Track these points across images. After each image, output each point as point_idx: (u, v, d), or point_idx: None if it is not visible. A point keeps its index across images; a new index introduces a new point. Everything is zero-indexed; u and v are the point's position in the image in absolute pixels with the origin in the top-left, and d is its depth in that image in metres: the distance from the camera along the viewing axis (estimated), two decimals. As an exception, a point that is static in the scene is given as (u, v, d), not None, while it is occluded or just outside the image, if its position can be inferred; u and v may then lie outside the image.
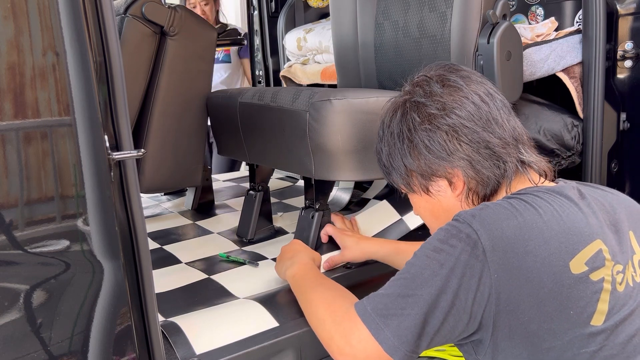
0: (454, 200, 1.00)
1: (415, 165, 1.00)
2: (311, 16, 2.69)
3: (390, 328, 0.85)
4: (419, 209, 1.08)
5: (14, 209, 0.81)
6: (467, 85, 0.98)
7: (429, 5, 1.55)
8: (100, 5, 0.83)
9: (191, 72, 1.77)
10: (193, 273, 1.47)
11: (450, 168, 0.97)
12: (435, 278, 0.84)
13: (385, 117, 1.05)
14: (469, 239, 0.84)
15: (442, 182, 1.00)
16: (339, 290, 1.08)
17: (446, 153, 0.96)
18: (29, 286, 0.84)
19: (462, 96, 0.97)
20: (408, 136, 0.99)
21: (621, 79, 1.66)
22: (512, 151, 0.96)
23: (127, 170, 0.90)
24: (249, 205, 1.75)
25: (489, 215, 0.87)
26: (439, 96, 0.97)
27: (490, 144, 0.95)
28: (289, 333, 1.14)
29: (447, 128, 0.96)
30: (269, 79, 2.81)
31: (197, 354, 1.06)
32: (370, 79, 1.81)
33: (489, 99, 0.97)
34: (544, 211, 0.87)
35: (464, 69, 1.02)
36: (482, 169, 0.96)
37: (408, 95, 1.02)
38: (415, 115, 0.98)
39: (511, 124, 0.98)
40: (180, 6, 1.76)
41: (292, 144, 1.44)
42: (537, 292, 0.83)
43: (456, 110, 0.96)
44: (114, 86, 0.86)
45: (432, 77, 1.01)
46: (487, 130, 0.95)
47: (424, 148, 0.98)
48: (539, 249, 0.83)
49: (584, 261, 0.85)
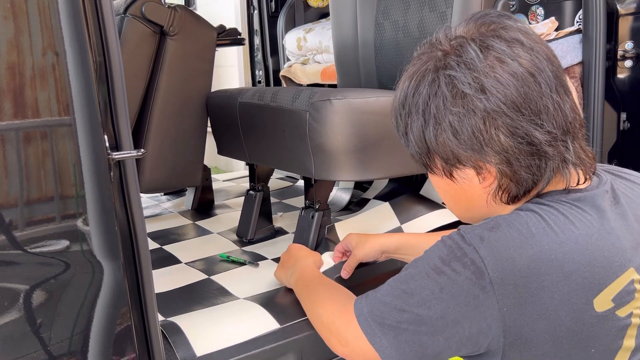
0: (479, 191, 0.84)
1: (440, 149, 0.82)
2: (311, 16, 2.69)
3: (387, 338, 0.82)
4: (439, 189, 0.93)
5: (14, 209, 0.81)
6: (515, 57, 0.77)
7: (429, 5, 1.55)
8: (100, 5, 0.83)
9: (191, 72, 1.77)
10: (193, 273, 1.47)
11: (482, 161, 0.80)
12: (434, 302, 0.78)
13: (412, 80, 0.84)
14: (473, 265, 0.75)
15: (468, 170, 0.83)
16: (339, 289, 1.08)
17: (479, 144, 0.78)
18: (29, 286, 0.84)
19: (507, 72, 0.76)
20: (435, 115, 0.80)
21: (621, 79, 1.66)
22: (560, 148, 0.78)
23: (127, 170, 0.90)
24: (249, 205, 1.75)
25: (500, 240, 0.76)
26: (476, 70, 0.77)
27: (535, 140, 0.76)
28: (290, 337, 1.14)
29: (483, 114, 0.76)
30: (269, 79, 2.81)
31: (198, 356, 1.06)
32: (370, 78, 1.80)
33: (542, 77, 0.77)
34: (566, 237, 0.75)
35: (514, 27, 0.80)
36: (520, 168, 0.79)
37: (441, 61, 0.81)
38: (447, 91, 0.79)
39: (565, 109, 0.78)
40: (180, 6, 1.76)
41: (292, 144, 1.44)
42: (553, 329, 0.74)
43: (498, 93, 0.76)
44: (114, 86, 0.86)
45: (472, 40, 0.79)
46: (534, 122, 0.76)
47: (452, 133, 0.80)
48: (558, 284, 0.73)
49: (611, 297, 0.75)
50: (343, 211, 1.95)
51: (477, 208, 0.87)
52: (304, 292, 1.16)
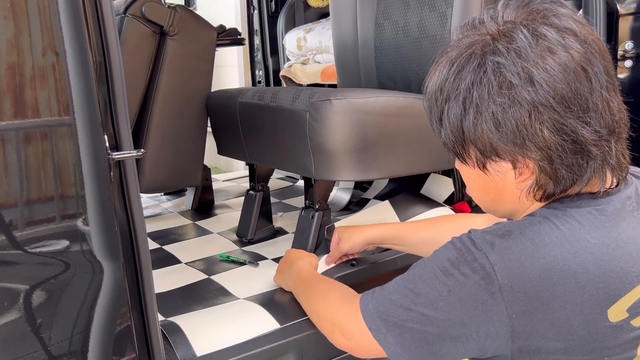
0: (512, 186, 0.80)
1: (478, 139, 0.77)
2: (311, 16, 2.69)
3: (392, 335, 0.82)
4: (467, 179, 0.89)
5: (14, 209, 0.81)
6: (567, 47, 0.72)
7: (429, 5, 1.55)
8: (100, 5, 0.83)
9: (191, 72, 1.77)
10: (193, 273, 1.47)
11: (522, 156, 0.76)
12: (441, 303, 0.77)
13: (455, 62, 0.78)
14: (483, 271, 0.74)
15: (504, 164, 0.78)
16: (339, 284, 1.08)
17: (521, 138, 0.74)
18: (29, 286, 0.84)
19: (558, 63, 0.71)
20: (477, 103, 0.75)
21: (621, 79, 1.66)
22: (604, 149, 0.74)
23: (127, 170, 0.90)
24: (249, 205, 1.75)
25: (511, 248, 0.74)
26: (526, 59, 0.72)
27: (581, 139, 0.72)
28: (290, 336, 1.14)
29: (529, 107, 0.72)
30: (269, 79, 2.81)
31: (198, 356, 1.06)
32: (370, 78, 1.81)
33: (593, 73, 0.72)
34: (581, 247, 0.73)
35: (566, 14, 0.75)
36: (562, 166, 0.74)
37: (489, 46, 0.75)
38: (494, 79, 0.73)
39: (613, 108, 0.74)
40: (180, 6, 1.76)
41: (292, 144, 1.44)
42: (565, 337, 0.73)
43: (547, 86, 0.71)
44: (114, 86, 0.86)
45: (523, 26, 0.74)
46: (582, 120, 0.72)
47: (493, 124, 0.75)
48: (570, 295, 0.71)
49: (626, 307, 0.73)
50: (343, 211, 1.95)
51: (505, 202, 0.84)
52: (302, 290, 1.16)
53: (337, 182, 2.05)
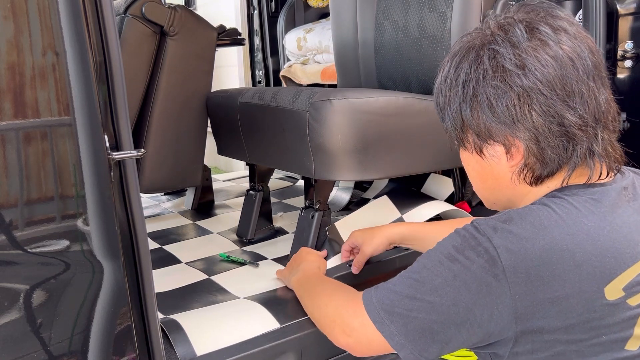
0: (506, 170, 0.88)
1: (474, 123, 0.87)
2: (311, 16, 2.69)
3: (396, 326, 0.83)
4: (467, 167, 0.97)
5: (14, 209, 0.81)
6: (558, 42, 0.81)
7: (429, 5, 1.55)
8: (100, 5, 0.83)
9: (191, 72, 1.77)
10: (193, 273, 1.47)
11: (512, 137, 0.84)
12: (447, 289, 0.80)
13: (457, 55, 0.88)
14: (487, 254, 0.78)
15: (498, 147, 0.87)
16: (343, 285, 1.09)
17: (511, 119, 0.82)
18: (29, 286, 0.84)
19: (549, 55, 0.80)
20: (474, 88, 0.84)
21: (621, 79, 1.66)
22: (589, 134, 0.81)
23: (127, 170, 0.90)
24: (249, 205, 1.75)
25: (512, 231, 0.78)
26: (520, 49, 0.81)
27: (565, 121, 0.80)
28: (290, 335, 1.14)
29: (519, 90, 0.80)
30: (269, 79, 2.81)
31: (198, 355, 1.06)
32: (370, 78, 1.81)
33: (580, 63, 0.80)
34: (577, 229, 0.78)
35: (562, 17, 0.85)
36: (547, 147, 0.82)
37: (487, 37, 0.85)
38: (489, 65, 0.83)
39: (599, 99, 0.82)
40: (180, 6, 1.76)
41: (292, 144, 1.44)
42: (565, 316, 0.76)
43: (536, 72, 0.79)
44: (114, 86, 0.86)
45: (520, 22, 0.84)
46: (567, 104, 0.80)
47: (487, 107, 0.84)
48: (569, 273, 0.76)
49: (622, 286, 0.77)
50: (343, 211, 1.95)
51: (502, 188, 0.90)
52: (304, 288, 1.17)
53: (337, 182, 2.05)
